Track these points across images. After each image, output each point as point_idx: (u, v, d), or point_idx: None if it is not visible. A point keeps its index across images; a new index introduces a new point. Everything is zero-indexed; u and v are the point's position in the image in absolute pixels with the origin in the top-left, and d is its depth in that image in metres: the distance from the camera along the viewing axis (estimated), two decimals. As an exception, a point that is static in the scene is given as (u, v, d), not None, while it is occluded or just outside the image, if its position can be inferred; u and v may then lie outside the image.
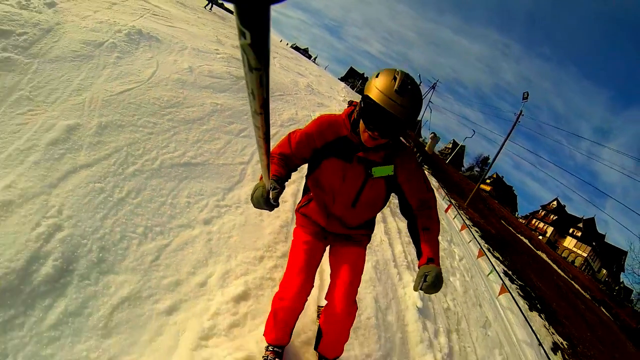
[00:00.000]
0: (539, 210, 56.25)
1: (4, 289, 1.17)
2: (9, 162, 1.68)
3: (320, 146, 1.33)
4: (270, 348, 1.43)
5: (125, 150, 2.08)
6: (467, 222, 11.71)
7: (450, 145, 54.20)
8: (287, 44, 39.28)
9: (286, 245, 2.07)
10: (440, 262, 3.15)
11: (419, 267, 1.27)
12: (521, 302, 7.42)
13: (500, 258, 11.75)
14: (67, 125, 2.06)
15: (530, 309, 8.53)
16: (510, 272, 10.73)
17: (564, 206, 53.82)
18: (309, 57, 41.48)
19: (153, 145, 2.27)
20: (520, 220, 49.98)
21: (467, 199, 18.26)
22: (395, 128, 1.15)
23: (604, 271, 46.45)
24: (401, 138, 1.35)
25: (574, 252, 47.74)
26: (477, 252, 7.56)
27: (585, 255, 46.44)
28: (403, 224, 3.79)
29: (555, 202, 54.29)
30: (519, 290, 9.36)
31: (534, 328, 5.09)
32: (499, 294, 5.76)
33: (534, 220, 54.79)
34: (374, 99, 1.10)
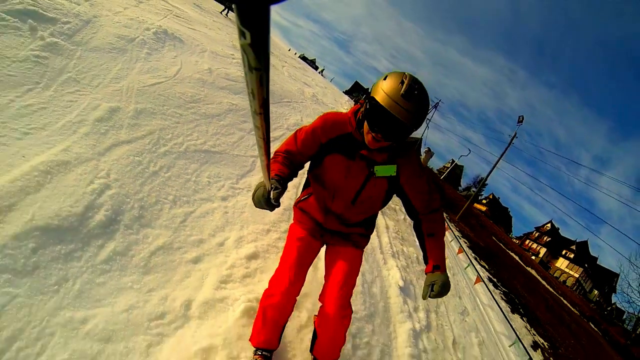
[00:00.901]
0: (532, 232, 57.31)
1: (67, 228, 1.44)
2: (63, 130, 1.95)
3: (325, 142, 1.31)
4: (258, 352, 1.35)
5: (157, 133, 2.37)
6: (456, 232, 11.96)
7: (449, 165, 55.26)
8: (295, 54, 40.09)
9: (288, 224, 2.36)
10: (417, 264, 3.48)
11: (425, 274, 1.31)
12: (503, 304, 7.49)
13: (487, 267, 11.71)
14: (109, 107, 2.35)
15: (512, 312, 8.43)
16: (495, 280, 10.65)
17: (558, 228, 54.87)
18: (316, 68, 42.27)
19: (179, 133, 2.57)
20: (514, 240, 50.58)
21: (459, 213, 18.53)
22: (399, 132, 1.12)
23: (596, 292, 46.89)
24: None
25: (565, 272, 48.46)
26: (457, 250, 7.91)
27: (577, 276, 47.08)
28: (391, 222, 4.12)
29: (549, 224, 55.27)
30: (502, 296, 9.20)
31: (513, 327, 5.26)
32: (475, 283, 6.08)
33: (528, 241, 55.77)
34: (379, 101, 1.07)
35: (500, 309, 5.73)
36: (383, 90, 1.08)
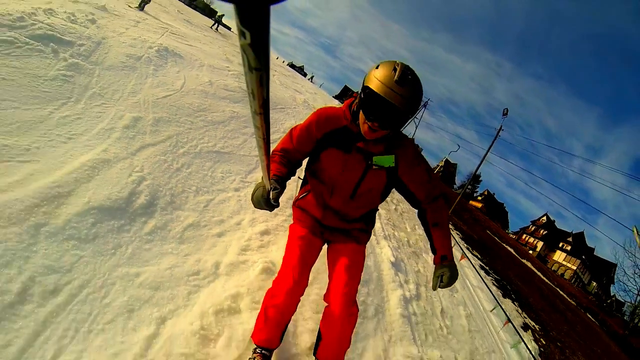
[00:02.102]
0: (528, 226, 58.48)
1: (117, 208, 1.83)
2: (99, 136, 2.36)
3: (321, 137, 1.34)
4: (258, 350, 1.36)
5: (175, 137, 2.79)
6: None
7: (442, 163, 56.69)
8: (283, 61, 41.35)
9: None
10: (416, 245, 4.03)
11: (434, 265, 1.37)
12: (494, 289, 7.59)
13: (479, 256, 11.80)
14: (132, 116, 2.76)
15: (504, 296, 8.32)
16: (487, 268, 10.62)
17: (554, 221, 56.07)
18: (304, 75, 43.49)
19: (193, 137, 2.99)
20: (511, 235, 51.51)
21: (451, 207, 18.71)
22: (395, 119, 1.13)
23: (594, 283, 47.64)
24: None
25: (563, 265, 49.40)
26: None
27: (574, 268, 47.93)
28: (383, 211, 4.54)
29: (544, 218, 56.54)
30: (494, 282, 9.08)
31: (504, 308, 5.49)
32: (460, 259, 6.42)
33: (524, 235, 56.89)
34: (374, 89, 1.09)
35: (489, 288, 6.02)
36: (377, 78, 1.10)
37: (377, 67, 1.14)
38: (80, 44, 3.63)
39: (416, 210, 1.49)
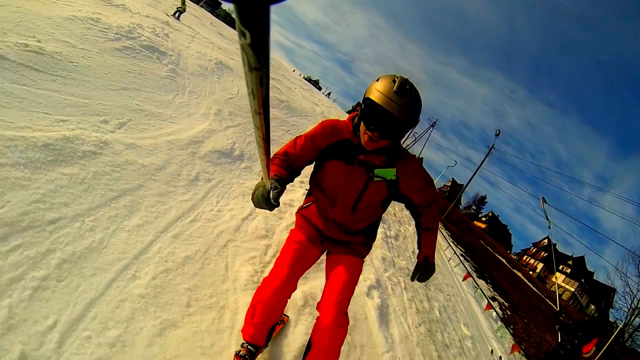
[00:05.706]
0: (530, 247, 63.31)
1: (227, 153, 3.72)
2: (203, 116, 4.29)
3: (323, 148, 1.51)
4: (244, 345, 1.59)
5: (243, 125, 4.74)
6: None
7: (450, 184, 59.88)
8: (300, 74, 45.24)
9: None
10: (402, 219, 6.30)
11: (417, 260, 1.69)
12: (470, 270, 8.28)
13: (463, 250, 12.67)
14: (217, 108, 4.73)
15: (479, 277, 8.92)
16: (468, 258, 11.48)
17: (555, 244, 59.24)
18: (319, 88, 47.55)
19: (251, 127, 4.92)
20: (512, 256, 54.78)
21: (445, 213, 19.59)
22: (394, 128, 1.28)
23: (592, 307, 49.79)
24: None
25: (562, 286, 52.73)
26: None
27: (573, 289, 51.42)
28: None
29: (546, 240, 60.60)
30: (472, 267, 9.81)
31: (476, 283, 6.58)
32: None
33: (525, 256, 61.79)
34: (374, 99, 1.25)
35: (462, 263, 7.29)
36: (377, 89, 1.27)
37: (377, 80, 1.30)
38: (170, 55, 5.69)
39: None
